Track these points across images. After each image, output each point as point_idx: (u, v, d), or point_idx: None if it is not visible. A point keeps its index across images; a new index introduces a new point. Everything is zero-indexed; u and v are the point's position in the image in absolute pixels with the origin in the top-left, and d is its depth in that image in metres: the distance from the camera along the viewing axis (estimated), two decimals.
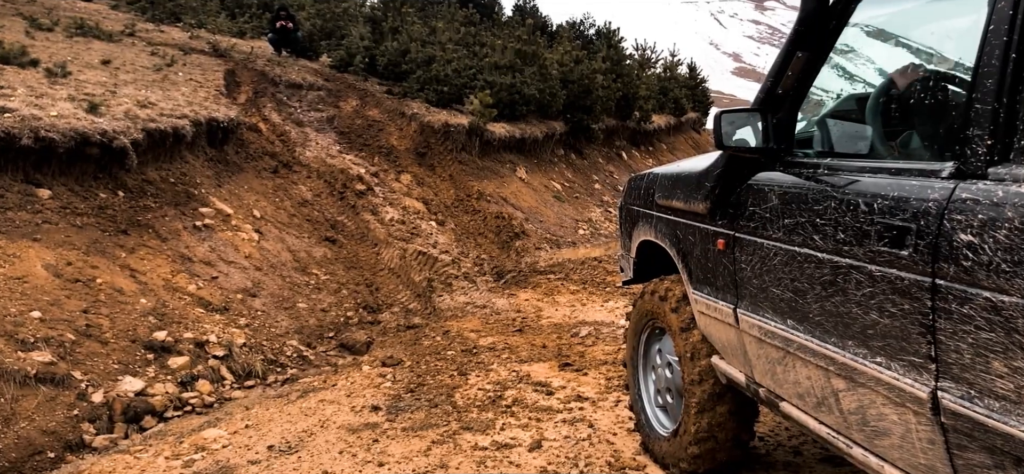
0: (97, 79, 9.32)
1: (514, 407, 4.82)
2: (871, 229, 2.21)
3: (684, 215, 3.46)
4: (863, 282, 2.24)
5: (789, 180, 2.73)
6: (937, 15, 2.76)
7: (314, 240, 8.64)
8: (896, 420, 2.20)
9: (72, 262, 6.29)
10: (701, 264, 3.32)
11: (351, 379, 5.58)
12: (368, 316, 7.60)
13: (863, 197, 2.27)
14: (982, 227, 1.82)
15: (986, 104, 1.92)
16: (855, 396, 2.37)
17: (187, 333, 6.35)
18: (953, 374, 1.93)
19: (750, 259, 2.89)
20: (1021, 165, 1.83)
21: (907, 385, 2.09)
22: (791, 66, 2.80)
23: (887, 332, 2.16)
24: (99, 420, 5.39)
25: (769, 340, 2.81)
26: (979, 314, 1.82)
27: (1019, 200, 1.75)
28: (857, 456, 2.45)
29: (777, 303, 2.73)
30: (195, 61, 12.91)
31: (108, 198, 7.11)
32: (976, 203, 1.86)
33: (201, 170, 8.49)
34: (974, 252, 1.83)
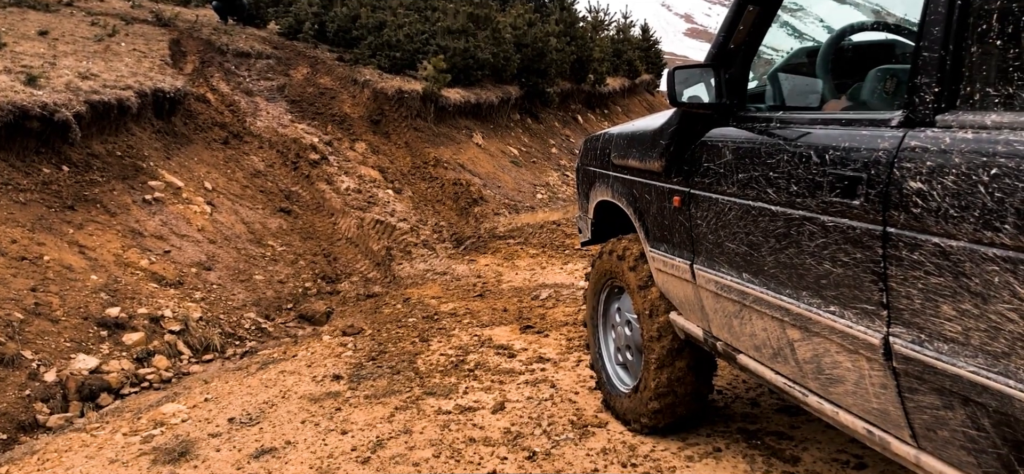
0: (34, 50, 9.01)
1: (477, 371, 4.82)
2: (823, 180, 2.23)
3: (640, 174, 3.47)
4: (816, 233, 2.26)
5: (742, 135, 2.74)
6: None
7: (268, 211, 8.51)
8: (850, 367, 2.24)
9: (16, 239, 6.11)
10: (657, 222, 3.34)
11: (311, 350, 5.53)
12: (327, 286, 7.53)
13: (815, 149, 2.29)
14: (930, 174, 1.84)
15: (933, 52, 1.94)
16: (810, 345, 2.41)
17: (141, 309, 6.22)
18: (904, 320, 1.97)
19: (705, 215, 2.91)
20: (967, 111, 1.85)
21: (860, 332, 2.12)
22: (742, 20, 2.79)
23: (840, 281, 2.19)
24: (53, 399, 5.27)
25: (725, 294, 2.84)
26: (929, 260, 1.86)
27: (965, 146, 1.77)
28: (812, 404, 2.51)
29: (733, 257, 2.75)
30: (138, 31, 12.55)
31: (52, 173, 6.90)
32: (924, 150, 1.88)
33: (149, 142, 8.28)
34: (923, 199, 1.86)
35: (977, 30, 1.84)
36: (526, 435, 3.94)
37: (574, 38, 17.95)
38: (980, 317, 1.75)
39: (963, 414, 1.86)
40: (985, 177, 1.70)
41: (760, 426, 3.87)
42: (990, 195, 1.68)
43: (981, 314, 1.74)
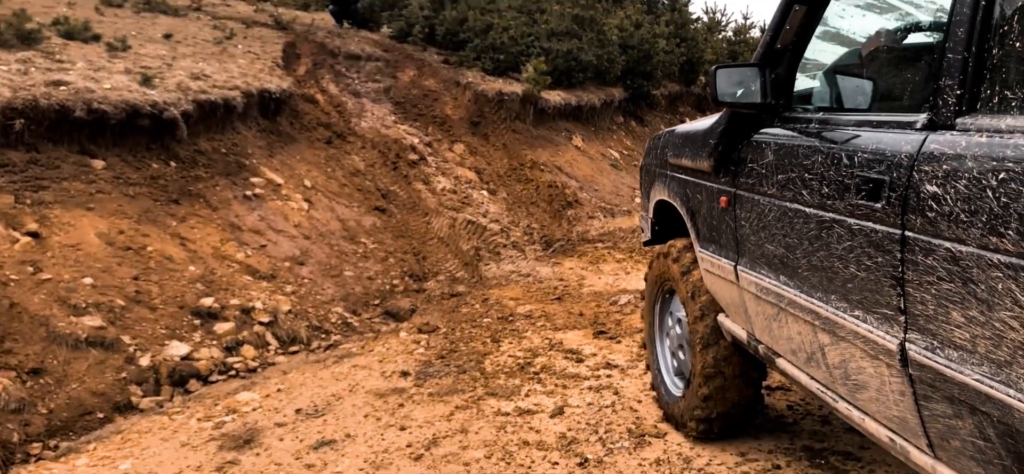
0: (156, 53, 9.56)
1: (542, 374, 4.78)
2: (851, 182, 2.20)
3: (692, 173, 3.45)
4: (844, 236, 2.24)
5: (785, 135, 2.70)
6: None
7: (364, 209, 8.73)
8: (872, 373, 2.22)
9: (124, 230, 6.50)
10: (706, 222, 3.33)
11: (387, 345, 5.63)
12: (414, 284, 7.65)
13: (846, 150, 2.25)
14: (945, 178, 1.80)
15: (957, 54, 1.89)
16: (838, 350, 2.38)
17: (234, 300, 6.49)
18: (919, 325, 1.95)
19: (749, 215, 2.88)
20: (987, 115, 1.79)
21: (880, 337, 2.10)
22: (789, 20, 2.74)
23: (863, 285, 2.17)
24: (146, 383, 5.57)
25: (765, 296, 2.80)
26: (941, 265, 1.83)
27: (978, 150, 1.72)
28: (842, 410, 2.48)
29: (772, 259, 2.72)
30: (256, 34, 13.13)
31: (160, 168, 7.30)
32: (942, 154, 1.85)
33: (253, 141, 8.64)
34: (938, 203, 1.82)
35: (999, 32, 1.79)
36: (581, 441, 3.88)
37: (685, 40, 17.58)
38: (985, 324, 1.70)
39: (971, 423, 1.82)
40: (993, 181, 1.65)
41: (827, 445, 3.67)
42: (996, 200, 1.64)
43: (986, 321, 1.70)
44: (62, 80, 7.02)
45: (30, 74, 7.05)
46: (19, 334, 5.36)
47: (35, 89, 6.62)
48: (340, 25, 15.59)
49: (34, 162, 6.46)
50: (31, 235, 5.97)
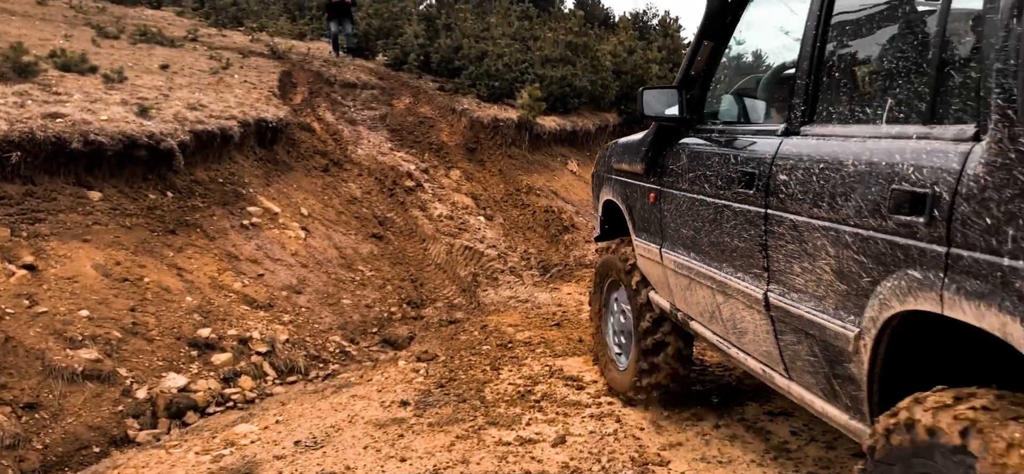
0: (152, 83, 9.58)
1: (543, 402, 4.75)
2: (736, 176, 2.91)
3: (629, 176, 4.16)
4: (731, 217, 2.96)
5: (696, 142, 3.42)
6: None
7: (361, 237, 8.72)
8: (749, 319, 2.91)
9: (120, 262, 6.47)
10: (640, 214, 4.07)
11: (386, 374, 5.59)
12: (412, 311, 7.63)
13: (735, 153, 2.99)
14: (790, 169, 2.54)
15: (802, 81, 2.64)
16: (728, 306, 3.09)
17: (231, 330, 6.46)
18: (776, 278, 2.65)
19: (669, 207, 3.61)
20: (818, 124, 2.57)
21: (752, 290, 2.81)
22: (700, 53, 3.43)
23: (743, 253, 2.88)
24: (143, 416, 5.52)
25: (680, 271, 3.53)
26: (787, 232, 2.54)
27: (809, 149, 2.49)
28: (733, 354, 3.20)
29: (685, 240, 3.46)
30: (252, 63, 13.18)
31: (157, 199, 7.29)
32: (789, 152, 2.59)
33: (250, 170, 8.64)
34: (785, 187, 2.55)
35: (826, 66, 2.58)
36: (583, 471, 3.85)
37: (678, 64, 17.68)
38: (811, 272, 2.42)
39: (806, 346, 2.52)
40: (816, 169, 2.39)
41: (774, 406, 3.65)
42: (817, 182, 2.37)
43: (812, 269, 2.42)
44: (59, 112, 7.02)
45: (27, 107, 7.05)
46: (14, 368, 5.31)
47: (32, 121, 6.62)
48: (337, 54, 15.67)
49: (30, 194, 6.44)
50: (27, 268, 5.93)
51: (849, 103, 2.54)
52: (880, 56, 2.45)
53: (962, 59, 2.09)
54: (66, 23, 14.42)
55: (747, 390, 4.75)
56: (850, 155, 2.27)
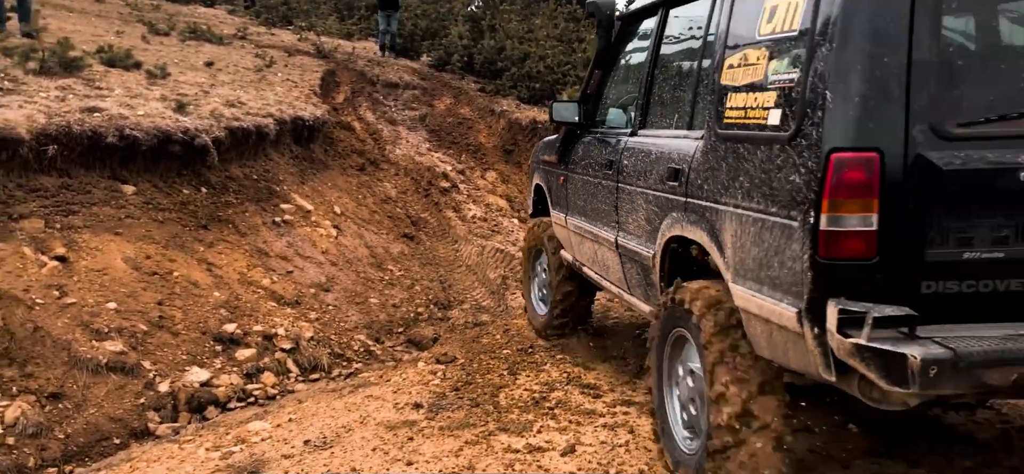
0: (195, 80, 9.72)
1: (557, 409, 4.65)
2: (604, 161, 4.42)
3: (549, 165, 5.52)
4: (601, 189, 4.46)
5: (588, 140, 4.88)
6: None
7: (393, 236, 8.72)
8: (611, 258, 4.39)
9: (151, 255, 6.55)
10: (554, 193, 5.45)
11: (404, 375, 5.55)
12: (439, 312, 7.60)
13: (607, 146, 4.47)
14: (628, 156, 4.04)
15: (640, 101, 4.14)
16: (601, 252, 4.55)
17: (257, 326, 6.50)
18: (621, 227, 4.14)
19: (572, 186, 5.03)
20: (645, 129, 4.05)
21: (610, 237, 4.28)
22: (593, 78, 4.88)
23: (606, 213, 4.37)
24: (164, 409, 5.58)
25: (577, 231, 4.93)
26: (626, 196, 4.03)
27: (638, 144, 4.01)
28: (605, 285, 4.77)
29: (579, 208, 4.89)
30: (297, 62, 13.31)
31: (191, 194, 7.37)
32: (629, 145, 4.10)
33: (285, 167, 8.71)
34: (626, 168, 4.06)
35: (649, 90, 4.08)
36: None
37: None
38: (634, 218, 3.89)
39: (634, 267, 4.00)
40: (639, 156, 3.90)
41: None
42: (638, 163, 3.88)
43: (635, 217, 3.87)
44: (97, 107, 7.14)
45: (67, 101, 7.20)
46: (41, 358, 5.41)
47: (69, 115, 6.75)
48: (383, 54, 15.80)
49: (66, 187, 6.56)
50: (58, 259, 6.05)
51: (658, 117, 4.08)
52: (671, 90, 4.05)
53: (696, 94, 3.58)
54: (120, 20, 14.74)
55: None
56: (654, 148, 3.84)
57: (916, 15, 2.58)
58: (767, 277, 2.89)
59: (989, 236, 2.62)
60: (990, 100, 2.65)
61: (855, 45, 2.62)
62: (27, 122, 6.33)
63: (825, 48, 2.68)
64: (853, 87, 2.61)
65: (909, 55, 2.58)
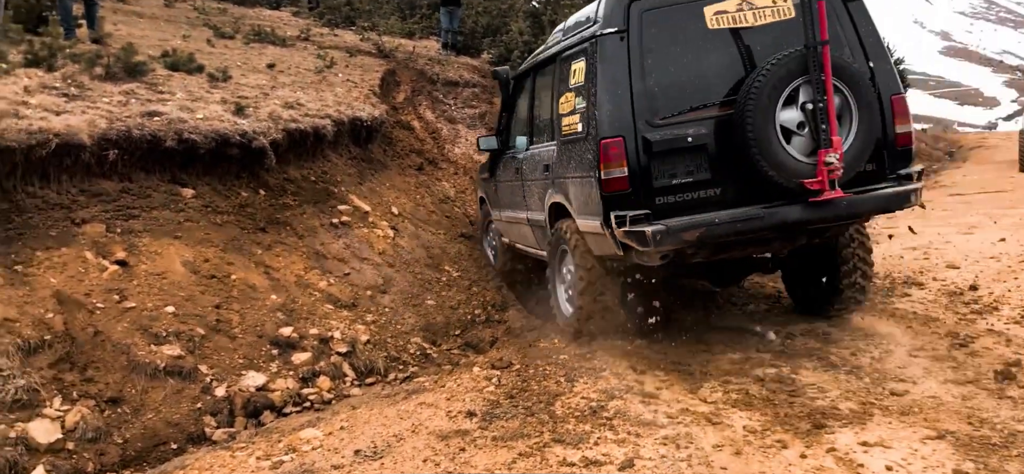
0: (256, 82, 9.77)
1: (615, 420, 4.46)
2: (514, 169, 7.14)
3: (484, 180, 8.35)
4: (515, 188, 7.11)
5: (506, 158, 7.47)
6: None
7: (451, 236, 8.63)
8: (527, 230, 7.04)
9: (209, 259, 6.57)
10: (490, 197, 8.15)
11: (459, 381, 5.43)
12: (496, 314, 7.46)
13: (514, 159, 7.21)
14: (526, 161, 6.87)
15: (528, 126, 7.03)
16: (521, 228, 7.23)
17: (313, 329, 6.46)
18: (528, 208, 6.87)
19: (499, 190, 7.69)
20: (534, 145, 6.82)
21: (522, 216, 7.06)
22: (502, 118, 7.66)
23: (518, 202, 7.09)
24: (220, 414, 5.57)
25: (507, 219, 7.63)
26: (528, 187, 6.81)
27: (531, 154, 6.79)
28: (527, 252, 7.42)
29: (506, 204, 7.56)
30: (358, 62, 13.34)
31: (249, 197, 7.39)
32: (527, 155, 6.86)
33: (343, 168, 8.68)
34: (524, 171, 6.90)
35: (533, 120, 6.97)
36: None
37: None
38: (534, 200, 6.68)
39: (540, 232, 6.64)
40: (530, 162, 6.78)
41: None
42: (530, 165, 6.76)
43: (533, 199, 6.68)
44: (158, 110, 7.20)
45: (129, 105, 7.27)
46: (101, 362, 5.45)
47: (130, 119, 6.81)
48: (445, 51, 15.78)
49: (126, 191, 6.62)
50: (119, 263, 6.09)
51: (538, 136, 6.72)
52: (542, 119, 6.62)
53: (552, 120, 6.19)
54: (187, 24, 14.99)
55: (843, 416, 4.33)
56: (537, 155, 6.54)
57: (632, 75, 5.19)
58: (587, 209, 5.47)
59: (680, 171, 5.16)
60: (671, 105, 5.21)
61: (605, 88, 5.26)
62: (89, 127, 6.40)
63: (594, 90, 5.34)
64: (605, 108, 5.24)
65: (631, 90, 5.18)
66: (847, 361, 5.32)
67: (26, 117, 6.28)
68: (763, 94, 4.89)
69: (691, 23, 5.22)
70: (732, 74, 5.20)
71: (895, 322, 6.15)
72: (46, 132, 6.14)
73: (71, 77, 7.80)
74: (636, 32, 5.19)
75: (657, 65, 5.20)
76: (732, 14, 5.23)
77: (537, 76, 6.78)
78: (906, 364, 5.27)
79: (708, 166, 5.13)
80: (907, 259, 8.18)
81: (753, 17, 5.24)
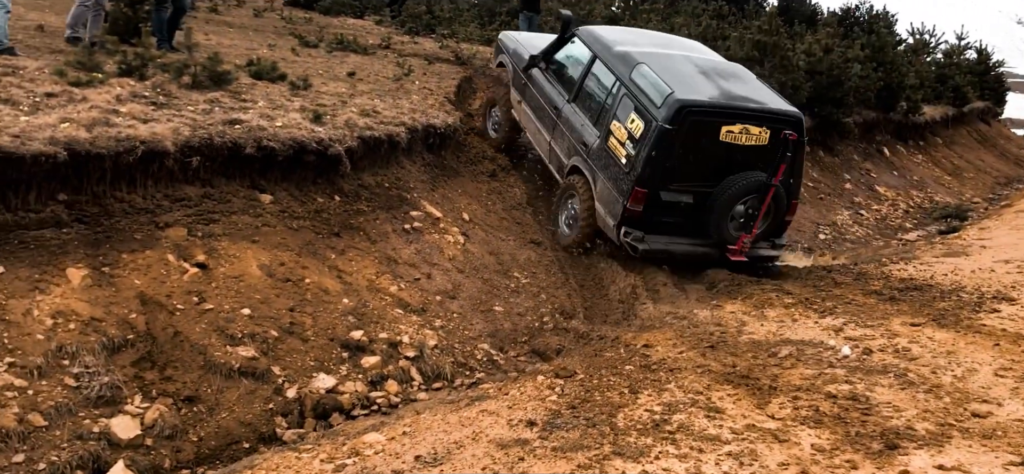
0: (335, 90, 9.99)
1: (677, 433, 4.39)
2: (555, 106, 9.11)
3: (515, 60, 10.17)
4: (547, 112, 9.24)
5: (547, 76, 9.44)
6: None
7: (520, 242, 8.64)
8: (544, 144, 9.34)
9: (285, 262, 6.75)
10: (515, 78, 10.03)
11: (522, 389, 5.43)
12: (564, 321, 7.43)
13: (553, 88, 9.31)
14: (567, 112, 8.94)
15: (578, 82, 8.96)
16: (540, 137, 9.48)
17: (383, 333, 6.57)
18: (555, 138, 9.07)
19: (530, 94, 9.64)
20: (575, 104, 8.89)
21: (546, 137, 9.27)
22: (555, 46, 9.44)
23: (548, 125, 9.18)
24: (291, 415, 5.72)
25: (529, 119, 9.68)
26: (559, 131, 8.98)
27: (570, 109, 8.91)
28: (539, 154, 9.73)
29: (533, 107, 9.59)
30: (435, 70, 13.49)
31: (324, 202, 7.56)
32: (565, 106, 9.00)
33: (416, 174, 8.80)
34: (563, 116, 8.94)
35: (583, 85, 8.89)
36: None
37: (883, 64, 16.27)
38: (562, 145, 8.94)
39: (556, 158, 9.12)
40: (572, 119, 8.84)
41: None
42: (571, 125, 8.87)
43: (562, 144, 8.93)
44: (239, 118, 7.44)
45: (212, 113, 7.54)
46: (179, 362, 5.66)
47: (212, 127, 7.06)
48: None
49: (208, 196, 6.86)
50: (199, 266, 6.32)
51: (582, 102, 8.85)
52: (591, 95, 8.85)
53: (602, 113, 8.46)
54: (274, 33, 15.44)
55: (918, 437, 4.15)
56: (577, 122, 8.82)
57: (669, 156, 7.64)
58: (607, 208, 8.01)
59: (667, 218, 7.88)
60: (682, 173, 7.76)
61: (650, 158, 7.59)
62: (173, 134, 6.66)
63: (643, 151, 7.63)
64: (647, 170, 7.61)
65: (664, 165, 7.63)
66: (927, 379, 5.11)
67: (116, 125, 6.59)
68: (734, 195, 7.79)
69: (711, 131, 7.65)
70: (721, 169, 7.82)
71: (981, 338, 5.87)
72: (133, 139, 6.43)
73: (160, 86, 8.13)
74: (680, 130, 7.52)
75: (683, 150, 7.63)
76: (736, 134, 7.74)
77: (597, 63, 8.66)
78: (991, 384, 5.03)
79: (684, 217, 7.98)
80: (998, 273, 7.80)
81: (745, 139, 7.77)
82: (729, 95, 8.00)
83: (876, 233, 12.05)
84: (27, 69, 7.76)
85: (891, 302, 6.86)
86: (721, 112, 7.68)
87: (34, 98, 6.89)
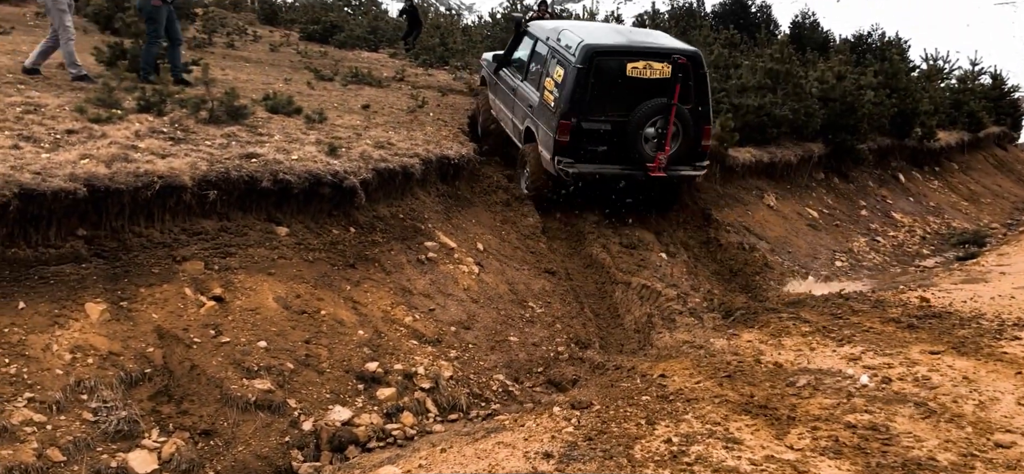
0: (350, 123, 10.08)
1: (696, 465, 4.36)
2: (512, 88, 11.03)
3: (490, 71, 12.25)
4: (508, 96, 11.19)
5: (509, 70, 11.41)
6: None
7: (535, 272, 8.64)
8: (509, 121, 11.19)
9: (301, 295, 6.78)
10: (492, 86, 12.10)
11: (538, 420, 5.41)
12: (579, 351, 7.41)
13: (513, 81, 11.12)
14: (519, 90, 10.84)
15: (526, 70, 10.90)
16: (504, 116, 11.45)
17: (398, 364, 6.57)
18: (514, 114, 10.92)
19: (499, 88, 11.64)
20: (526, 82, 10.68)
21: (509, 115, 11.18)
22: (512, 46, 11.55)
23: (510, 104, 11.11)
24: (307, 447, 5.71)
25: (499, 106, 11.76)
26: (517, 105, 10.80)
27: (521, 85, 10.81)
28: (501, 125, 11.68)
29: (501, 98, 11.59)
30: (449, 101, 13.58)
31: (340, 234, 7.60)
32: (519, 85, 10.84)
33: (430, 205, 8.84)
34: (518, 92, 10.81)
35: (528, 66, 11.00)
36: None
37: (896, 90, 16.24)
38: (519, 114, 10.68)
39: (516, 128, 10.87)
40: (522, 92, 10.75)
41: None
42: (521, 96, 10.72)
43: (516, 114, 10.79)
44: (255, 153, 7.52)
45: (229, 148, 7.62)
46: (196, 395, 5.68)
47: (229, 162, 7.13)
48: None
49: (224, 230, 6.92)
50: (215, 299, 6.36)
51: (528, 79, 10.68)
52: (535, 72, 10.54)
53: (540, 78, 10.30)
54: (290, 67, 15.60)
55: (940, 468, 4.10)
56: (526, 91, 10.61)
57: (584, 89, 9.31)
58: (545, 145, 9.65)
59: (592, 147, 9.46)
60: (597, 110, 9.41)
61: (566, 91, 9.34)
62: (190, 169, 6.74)
63: (564, 90, 9.37)
64: (566, 104, 9.34)
65: (581, 98, 9.34)
66: (948, 408, 5.05)
67: (135, 160, 6.67)
68: (642, 117, 9.24)
69: (618, 69, 9.26)
70: (631, 100, 9.33)
71: (1003, 367, 5.80)
72: (152, 174, 6.50)
73: (178, 121, 8.24)
74: (589, 69, 9.22)
75: (596, 86, 9.30)
76: (640, 69, 9.27)
77: (538, 44, 10.56)
78: (1014, 413, 4.97)
79: (607, 143, 9.45)
80: (1019, 299, 7.72)
81: (649, 73, 9.28)
82: (632, 40, 9.90)
83: (893, 260, 11.97)
84: (49, 106, 7.88)
85: (910, 330, 6.79)
86: (624, 51, 9.38)
87: (55, 135, 6.99)
